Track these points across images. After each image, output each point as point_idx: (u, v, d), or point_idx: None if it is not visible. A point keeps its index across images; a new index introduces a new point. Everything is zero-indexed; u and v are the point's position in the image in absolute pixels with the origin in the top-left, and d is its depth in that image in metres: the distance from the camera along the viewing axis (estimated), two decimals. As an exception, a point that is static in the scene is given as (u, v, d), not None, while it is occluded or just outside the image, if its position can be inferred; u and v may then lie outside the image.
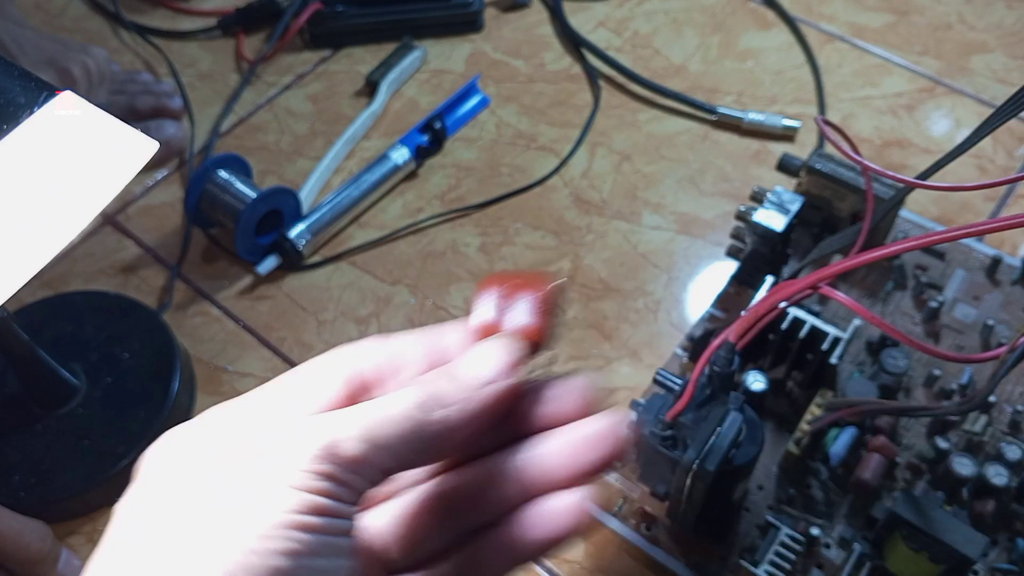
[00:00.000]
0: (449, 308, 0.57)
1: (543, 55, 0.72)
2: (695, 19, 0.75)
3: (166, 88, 0.67)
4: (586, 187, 0.63)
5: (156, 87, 0.67)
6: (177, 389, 0.51)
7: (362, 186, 0.61)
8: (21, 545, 0.40)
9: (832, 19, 0.74)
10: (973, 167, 0.63)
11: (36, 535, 0.41)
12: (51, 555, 0.42)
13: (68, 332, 0.53)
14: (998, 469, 0.43)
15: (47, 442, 0.49)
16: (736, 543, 0.45)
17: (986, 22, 0.73)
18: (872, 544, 0.44)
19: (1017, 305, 0.54)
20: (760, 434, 0.41)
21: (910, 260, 0.56)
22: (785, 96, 0.68)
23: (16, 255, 0.24)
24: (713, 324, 0.54)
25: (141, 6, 0.77)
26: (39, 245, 0.25)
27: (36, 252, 0.25)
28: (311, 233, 0.59)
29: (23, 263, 0.25)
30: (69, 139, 0.26)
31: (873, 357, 0.51)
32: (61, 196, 0.25)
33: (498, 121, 0.68)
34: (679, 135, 0.66)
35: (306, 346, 0.55)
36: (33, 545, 0.40)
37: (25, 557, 0.40)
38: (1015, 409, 0.49)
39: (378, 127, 0.68)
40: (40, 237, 0.25)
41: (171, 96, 0.67)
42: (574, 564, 0.46)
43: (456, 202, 0.63)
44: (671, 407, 0.41)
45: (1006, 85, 0.68)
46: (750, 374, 0.43)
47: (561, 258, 0.59)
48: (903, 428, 0.49)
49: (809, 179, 0.54)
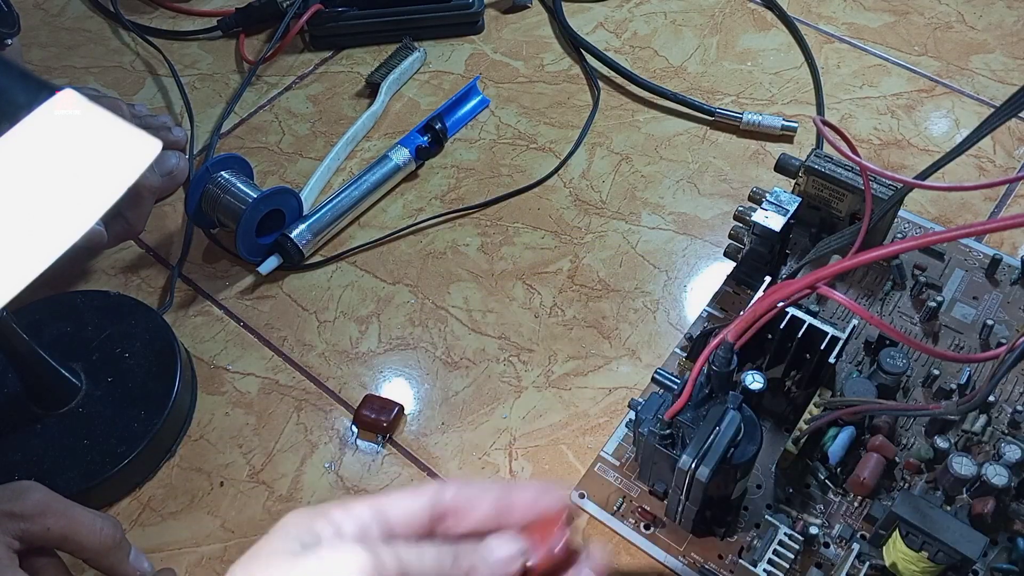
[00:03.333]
0: (449, 308, 0.57)
1: (543, 56, 0.73)
2: (694, 20, 0.75)
3: (164, 121, 0.65)
4: (585, 187, 0.63)
5: (153, 121, 0.65)
6: (178, 389, 0.51)
7: (363, 186, 0.61)
8: (95, 532, 0.40)
9: (831, 20, 0.74)
10: (972, 167, 0.63)
11: (109, 523, 0.41)
12: (124, 545, 0.42)
13: (68, 332, 0.53)
14: (997, 469, 0.43)
15: (47, 442, 0.49)
16: (735, 542, 0.45)
17: (986, 22, 0.73)
18: (870, 543, 0.44)
19: (1016, 305, 0.54)
20: (758, 433, 0.41)
21: (909, 260, 0.56)
22: (784, 97, 0.68)
23: (16, 256, 0.24)
24: (712, 324, 0.54)
25: (141, 6, 0.77)
26: (40, 247, 0.25)
27: (37, 254, 0.25)
28: (312, 233, 0.59)
29: (24, 265, 0.25)
30: (70, 140, 0.26)
31: (872, 357, 0.51)
32: (62, 197, 0.25)
33: (498, 122, 0.68)
34: (678, 136, 0.66)
35: (307, 346, 0.56)
36: (107, 532, 0.40)
37: (100, 545, 0.40)
38: (1014, 409, 0.49)
39: (378, 128, 0.68)
40: (41, 239, 0.25)
41: (169, 128, 0.65)
42: (573, 563, 0.46)
43: (456, 202, 0.63)
44: (670, 406, 0.42)
45: (1006, 85, 0.68)
46: (748, 373, 0.43)
47: (560, 258, 0.59)
48: (902, 428, 0.49)
49: (807, 179, 0.54)
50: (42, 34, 0.76)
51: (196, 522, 0.49)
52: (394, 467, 0.50)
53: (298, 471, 0.50)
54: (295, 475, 0.50)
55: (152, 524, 0.49)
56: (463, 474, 0.50)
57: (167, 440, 0.51)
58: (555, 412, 0.52)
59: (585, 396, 0.53)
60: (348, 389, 0.54)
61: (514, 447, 0.51)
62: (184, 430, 0.52)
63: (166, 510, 0.49)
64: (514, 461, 0.50)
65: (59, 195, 0.25)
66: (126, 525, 0.48)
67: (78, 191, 0.25)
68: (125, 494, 0.50)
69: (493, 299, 0.57)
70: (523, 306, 0.57)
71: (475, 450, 0.51)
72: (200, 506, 0.49)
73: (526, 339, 0.55)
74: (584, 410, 0.52)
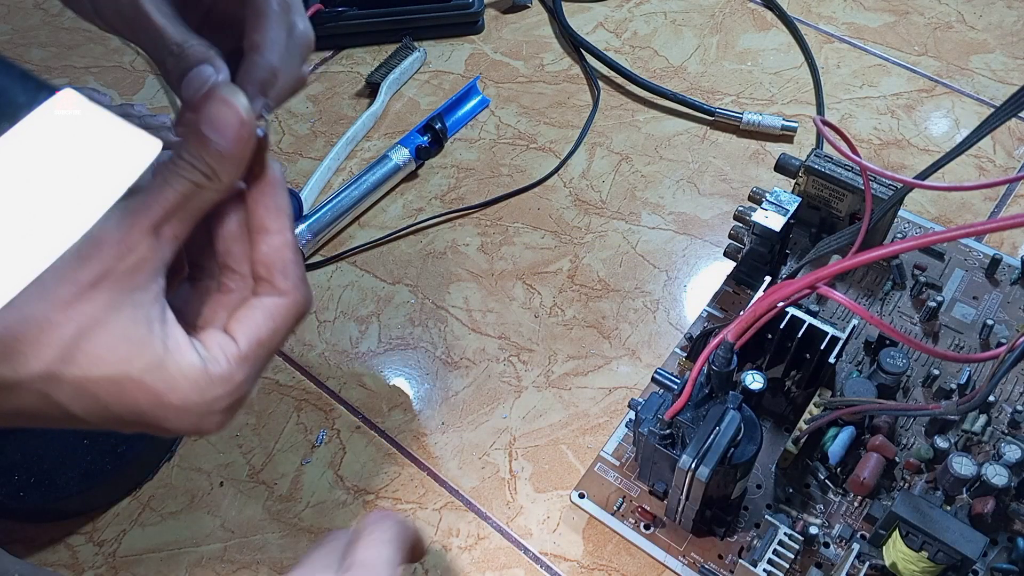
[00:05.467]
0: (449, 308, 0.57)
1: (543, 56, 0.73)
2: (694, 20, 0.75)
3: (164, 121, 0.65)
4: (585, 187, 0.63)
5: (153, 121, 0.65)
6: (177, 389, 0.51)
7: (363, 186, 0.61)
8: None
9: (831, 20, 0.74)
10: (972, 167, 0.63)
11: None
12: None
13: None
14: (997, 469, 0.43)
15: (47, 442, 0.49)
16: (735, 542, 0.45)
17: (986, 22, 0.73)
18: (870, 543, 0.44)
19: (1016, 305, 0.54)
20: (758, 433, 0.41)
21: (909, 260, 0.56)
22: (783, 97, 0.68)
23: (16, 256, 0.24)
24: (712, 323, 0.54)
25: (142, 7, 0.77)
26: (40, 247, 0.25)
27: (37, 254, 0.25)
28: (312, 233, 0.59)
29: (24, 265, 0.25)
30: (71, 139, 0.26)
31: (871, 357, 0.51)
32: (62, 197, 0.25)
33: (498, 122, 0.68)
34: (678, 136, 0.66)
35: (307, 345, 0.56)
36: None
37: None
38: (1014, 409, 0.49)
39: (378, 128, 0.68)
40: (41, 239, 0.25)
41: (169, 128, 0.64)
42: (572, 563, 0.47)
43: (456, 202, 0.63)
44: (670, 406, 0.42)
45: (1006, 85, 0.68)
46: (748, 373, 0.43)
47: (560, 258, 0.59)
48: (902, 428, 0.49)
49: (807, 179, 0.54)
50: (42, 34, 0.76)
51: (196, 522, 0.49)
52: (394, 467, 0.50)
53: (298, 471, 0.50)
54: (295, 475, 0.50)
55: (152, 524, 0.49)
56: (463, 474, 0.50)
57: (167, 440, 0.51)
58: (555, 412, 0.52)
59: (585, 396, 0.53)
60: (348, 389, 0.54)
61: (514, 447, 0.51)
62: (184, 430, 0.52)
63: (166, 510, 0.49)
64: (514, 461, 0.50)
65: (59, 195, 0.25)
66: (126, 525, 0.48)
67: (78, 191, 0.25)
68: (125, 494, 0.50)
69: (493, 299, 0.57)
70: (523, 306, 0.57)
71: (475, 450, 0.51)
72: (200, 506, 0.49)
73: (526, 339, 0.55)
74: (584, 410, 0.52)
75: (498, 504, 0.49)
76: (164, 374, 0.26)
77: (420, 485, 0.50)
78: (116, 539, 0.48)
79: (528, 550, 0.47)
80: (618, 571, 0.46)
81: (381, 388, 0.54)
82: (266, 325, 0.29)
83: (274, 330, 0.29)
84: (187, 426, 0.27)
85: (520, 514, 0.48)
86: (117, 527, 0.48)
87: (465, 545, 0.47)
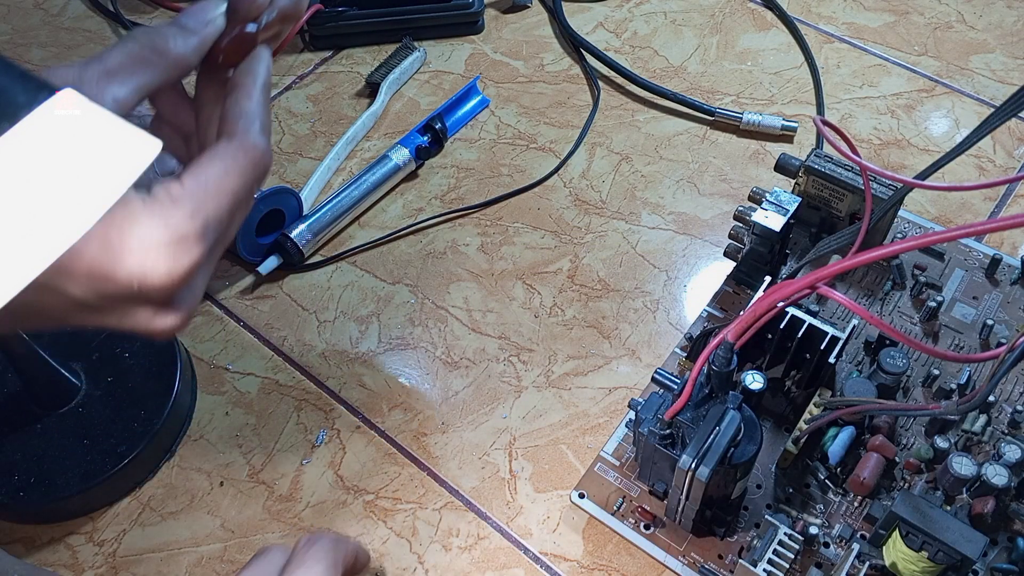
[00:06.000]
0: (449, 308, 0.57)
1: (543, 56, 0.73)
2: (694, 20, 0.75)
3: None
4: (585, 187, 0.63)
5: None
6: (178, 389, 0.51)
7: (362, 186, 0.61)
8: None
9: (831, 19, 0.74)
10: (972, 167, 0.63)
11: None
12: None
13: (68, 331, 0.53)
14: (997, 469, 0.43)
15: (47, 442, 0.49)
16: (735, 542, 0.45)
17: (986, 22, 0.73)
18: (870, 543, 0.44)
19: (1016, 305, 0.54)
20: (758, 433, 0.41)
21: (909, 260, 0.56)
22: (783, 97, 0.69)
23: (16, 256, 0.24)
24: (712, 323, 0.54)
25: (141, 6, 0.77)
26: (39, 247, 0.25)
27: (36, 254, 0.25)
28: (312, 233, 0.59)
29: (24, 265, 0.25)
30: (71, 139, 0.26)
31: (872, 357, 0.51)
32: (62, 197, 0.25)
33: (498, 122, 0.68)
34: (678, 136, 0.66)
35: (307, 346, 0.56)
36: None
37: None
38: (1014, 409, 0.49)
39: (378, 128, 0.68)
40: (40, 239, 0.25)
41: None
42: (573, 563, 0.47)
43: (456, 202, 0.63)
44: (670, 406, 0.42)
45: (1006, 85, 0.68)
46: (748, 373, 0.43)
47: (560, 258, 0.59)
48: (902, 428, 0.49)
49: (807, 179, 0.54)
50: (42, 34, 0.76)
51: (196, 522, 0.49)
52: (394, 467, 0.50)
53: (298, 471, 0.50)
54: (295, 475, 0.50)
55: (152, 524, 0.49)
56: (463, 474, 0.50)
57: (167, 440, 0.51)
58: (555, 412, 0.52)
59: (585, 396, 0.53)
60: (348, 389, 0.54)
61: (514, 447, 0.51)
62: (184, 430, 0.52)
63: (166, 510, 0.49)
64: (514, 461, 0.50)
65: (59, 195, 0.25)
66: (126, 525, 0.48)
67: (78, 191, 0.25)
68: (125, 494, 0.50)
69: (493, 299, 0.57)
70: (523, 306, 0.57)
71: (475, 450, 0.51)
72: (200, 506, 0.49)
73: (526, 339, 0.55)
74: (584, 410, 0.52)
75: (498, 504, 0.49)
76: (106, 218, 0.25)
77: (420, 485, 0.50)
78: (116, 539, 0.48)
79: (528, 550, 0.47)
80: (618, 571, 0.46)
81: (381, 388, 0.54)
82: (212, 167, 0.29)
83: (224, 172, 0.29)
84: (134, 269, 0.26)
85: (520, 514, 0.48)
86: (117, 527, 0.48)
87: (465, 545, 0.47)
